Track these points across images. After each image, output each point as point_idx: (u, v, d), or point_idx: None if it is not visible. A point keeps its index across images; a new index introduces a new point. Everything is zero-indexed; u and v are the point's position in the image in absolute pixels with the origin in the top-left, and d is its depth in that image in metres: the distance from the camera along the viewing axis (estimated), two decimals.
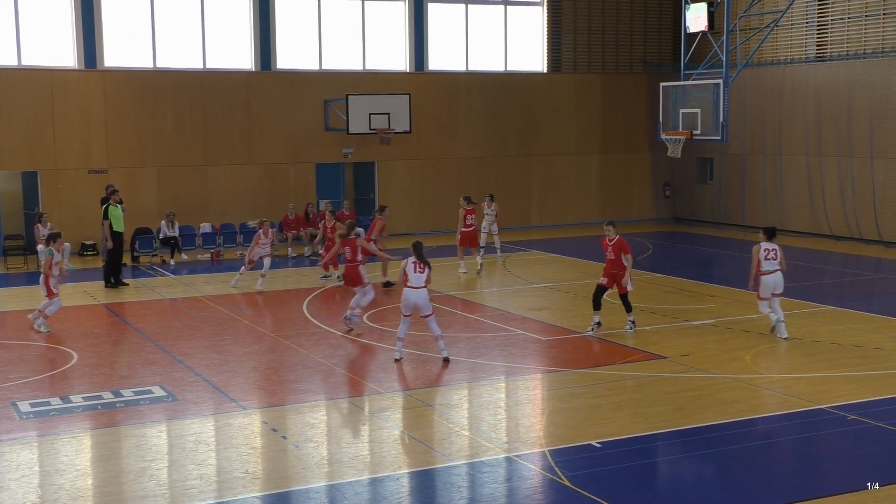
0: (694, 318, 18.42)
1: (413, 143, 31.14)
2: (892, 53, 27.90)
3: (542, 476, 10.53)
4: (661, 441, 11.70)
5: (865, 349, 15.85)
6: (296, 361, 15.54)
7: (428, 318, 15.17)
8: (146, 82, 28.40)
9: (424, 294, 15.04)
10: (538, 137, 33.71)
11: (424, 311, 15.08)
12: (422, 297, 15.02)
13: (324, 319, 18.55)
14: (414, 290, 14.99)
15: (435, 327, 15.21)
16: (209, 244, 27.42)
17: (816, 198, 30.33)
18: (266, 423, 12.42)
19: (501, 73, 33.17)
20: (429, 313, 15.12)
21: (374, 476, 10.62)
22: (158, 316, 19.33)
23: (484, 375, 14.88)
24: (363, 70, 31.06)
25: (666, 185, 35.80)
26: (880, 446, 11.47)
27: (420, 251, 15.11)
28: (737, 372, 14.56)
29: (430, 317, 15.16)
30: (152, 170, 28.49)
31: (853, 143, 29.10)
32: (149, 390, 13.85)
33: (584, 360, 15.62)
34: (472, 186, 31.48)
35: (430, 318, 15.17)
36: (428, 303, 15.08)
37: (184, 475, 10.61)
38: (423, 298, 15.03)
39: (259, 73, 29.67)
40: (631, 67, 35.20)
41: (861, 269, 24.91)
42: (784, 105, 31.22)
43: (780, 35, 31.05)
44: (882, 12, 28.27)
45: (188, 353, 16.01)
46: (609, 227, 17.20)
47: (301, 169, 30.27)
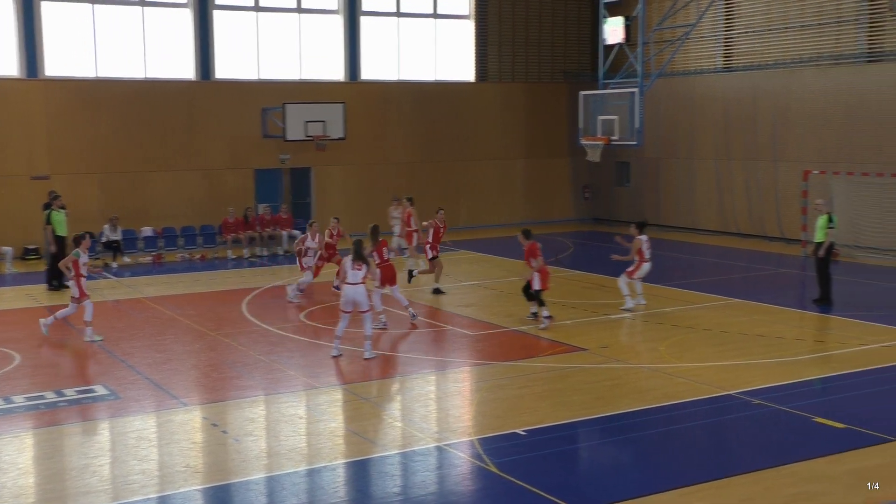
0: (612, 311, 18.59)
1: (348, 149, 30.98)
2: (792, 65, 28.48)
3: (470, 463, 10.54)
4: (583, 428, 11.79)
5: (769, 338, 16.14)
6: (235, 359, 15.35)
7: (364, 315, 15.05)
8: (88, 91, 27.85)
9: (362, 290, 14.93)
10: (466, 143, 33.77)
11: (362, 307, 14.98)
12: (359, 293, 14.91)
13: (262, 318, 18.36)
14: (352, 286, 14.91)
15: (368, 326, 15.09)
16: (151, 247, 27.01)
17: (725, 199, 30.85)
18: (206, 419, 12.24)
19: (431, 82, 33.17)
20: (365, 310, 15.01)
21: (312, 467, 10.53)
22: (101, 317, 18.91)
23: (415, 369, 14.85)
24: (300, 79, 30.83)
25: (586, 188, 36.11)
26: (783, 428, 11.69)
27: (359, 249, 15.01)
28: (652, 362, 14.73)
29: (366, 314, 15.04)
30: (94, 176, 27.95)
31: (758, 148, 29.65)
32: (91, 389, 13.57)
33: (509, 353, 15.66)
34: (404, 190, 31.32)
35: (365, 316, 15.05)
36: (366, 299, 14.97)
37: (126, 471, 10.40)
38: (361, 294, 14.92)
39: (199, 82, 29.28)
40: (553, 77, 35.45)
41: (765, 264, 25.38)
42: (695, 112, 31.70)
43: (691, 47, 31.52)
44: (783, 26, 28.85)
45: (130, 353, 15.72)
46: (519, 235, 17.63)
47: (240, 174, 29.94)
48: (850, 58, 27.02)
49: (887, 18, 26.11)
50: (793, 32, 28.60)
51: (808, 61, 28.05)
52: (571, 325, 17.35)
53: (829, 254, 18.87)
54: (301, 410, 12.71)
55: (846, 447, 10.75)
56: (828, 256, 18.82)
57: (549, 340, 16.23)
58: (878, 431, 11.22)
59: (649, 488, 9.70)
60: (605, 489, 9.76)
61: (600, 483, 10.02)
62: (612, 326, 17.40)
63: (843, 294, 19.60)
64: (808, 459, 10.38)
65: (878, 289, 21.11)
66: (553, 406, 12.49)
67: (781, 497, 9.39)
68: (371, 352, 15.07)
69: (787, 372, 13.99)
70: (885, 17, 26.17)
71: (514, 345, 16.27)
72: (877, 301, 19.73)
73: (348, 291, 14.94)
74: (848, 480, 9.78)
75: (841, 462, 10.30)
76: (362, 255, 14.96)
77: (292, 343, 16.39)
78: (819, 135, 27.74)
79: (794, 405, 12.34)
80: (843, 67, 27.20)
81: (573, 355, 15.16)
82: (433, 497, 9.70)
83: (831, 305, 18.64)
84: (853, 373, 13.97)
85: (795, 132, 28.44)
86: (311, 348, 16.00)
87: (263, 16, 30.14)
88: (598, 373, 14.10)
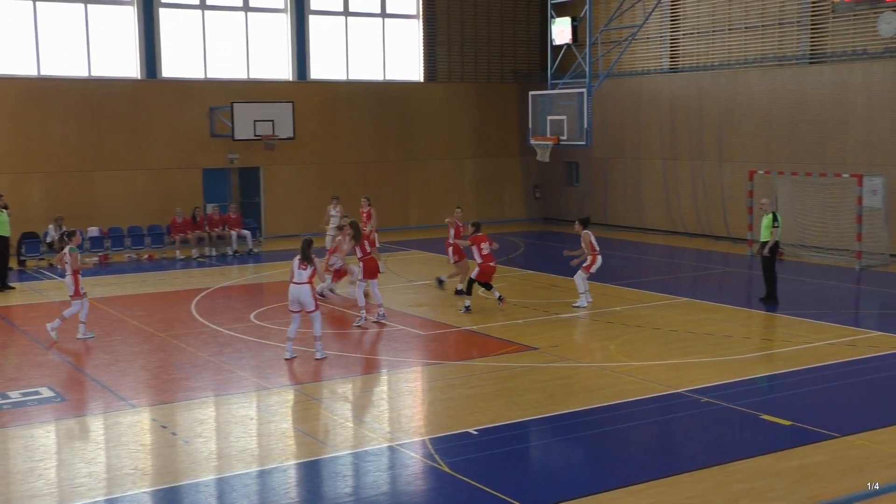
0: (563, 311, 18.70)
1: (297, 148, 30.82)
2: (737, 66, 28.88)
3: (422, 463, 10.53)
4: (534, 427, 11.83)
5: (717, 337, 16.34)
6: (184, 360, 15.19)
7: (312, 315, 14.98)
8: (31, 90, 27.38)
9: (307, 290, 14.83)
10: (415, 143, 33.77)
11: (307, 306, 14.89)
12: (304, 293, 14.82)
13: (212, 319, 18.19)
14: (297, 285, 14.82)
15: (317, 327, 14.98)
16: (97, 248, 26.61)
17: (672, 198, 31.19)
18: (155, 420, 12.10)
19: (380, 81, 33.10)
20: (311, 310, 14.92)
21: (263, 468, 10.45)
22: (46, 318, 18.59)
23: (367, 369, 14.81)
24: (248, 79, 30.60)
25: (535, 188, 36.29)
26: (730, 425, 11.84)
27: (305, 249, 14.92)
28: (602, 361, 14.84)
29: (313, 314, 14.96)
30: (38, 175, 27.49)
31: (704, 148, 30.02)
32: (36, 391, 13.33)
33: (461, 352, 15.69)
34: (354, 190, 31.31)
35: (313, 315, 14.97)
36: (311, 299, 14.87)
37: (73, 473, 10.24)
38: (306, 294, 14.83)
39: (145, 81, 28.92)
40: (502, 77, 35.57)
41: (712, 263, 25.71)
42: (642, 113, 32.01)
43: (638, 48, 31.83)
44: (727, 28, 29.24)
45: (76, 354, 15.49)
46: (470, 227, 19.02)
47: (188, 174, 29.63)
48: (793, 59, 27.48)
49: (829, 20, 26.58)
50: (737, 34, 29.01)
51: (752, 62, 28.46)
52: (523, 325, 17.42)
53: (775, 253, 19.16)
54: (252, 411, 12.61)
55: (792, 444, 10.91)
56: (773, 255, 19.10)
57: (500, 339, 16.28)
58: (822, 428, 11.40)
59: (600, 486, 9.77)
60: (557, 488, 9.81)
61: (551, 481, 10.07)
62: (563, 326, 17.50)
63: (789, 293, 19.91)
64: (755, 456, 10.51)
65: (823, 287, 21.48)
66: (505, 405, 12.53)
67: (729, 494, 9.51)
68: (322, 352, 14.99)
69: (734, 370, 14.18)
70: (826, 18, 26.64)
71: (466, 344, 16.30)
72: (821, 300, 20.09)
73: (293, 291, 14.85)
74: (793, 477, 9.93)
75: (787, 459, 10.45)
76: (308, 255, 14.87)
77: (242, 343, 16.25)
78: (764, 135, 28.16)
79: (741, 403, 12.51)
80: (786, 68, 27.65)
81: (524, 354, 15.22)
82: (385, 497, 9.68)
83: (777, 304, 18.92)
84: (799, 370, 14.19)
85: (741, 132, 28.84)
86: (261, 349, 15.87)
87: (210, 14, 29.85)
88: (549, 372, 14.17)
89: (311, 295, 14.89)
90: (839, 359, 14.81)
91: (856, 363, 14.59)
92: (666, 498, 9.43)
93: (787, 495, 9.46)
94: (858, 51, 25.75)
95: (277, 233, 30.92)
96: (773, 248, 19.04)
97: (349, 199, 28.03)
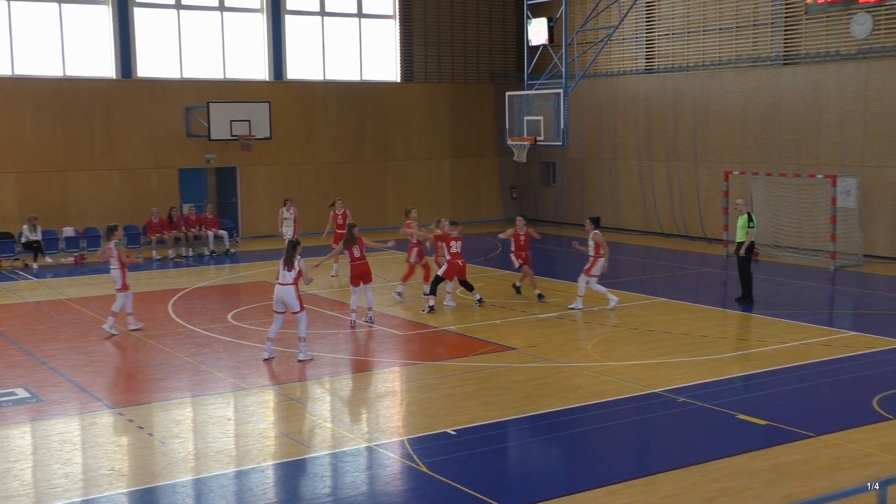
0: (540, 311, 18.75)
1: (273, 148, 30.73)
2: (711, 67, 29.05)
3: (401, 463, 10.54)
4: (512, 427, 11.86)
5: (693, 337, 16.43)
6: (161, 360, 15.11)
7: (297, 316, 14.90)
8: (4, 89, 27.15)
9: (291, 291, 14.79)
10: (392, 143, 33.74)
11: (292, 307, 14.85)
12: (288, 295, 14.79)
13: (189, 319, 18.10)
14: (282, 286, 14.79)
15: (302, 328, 14.91)
16: (72, 248, 26.41)
17: (648, 198, 31.33)
18: (132, 421, 12.03)
19: (357, 82, 33.05)
20: (296, 311, 14.87)
21: (240, 469, 10.42)
22: (21, 319, 18.51)
23: (345, 370, 14.80)
24: (224, 78, 30.47)
25: (513, 188, 36.35)
26: (707, 425, 11.91)
27: (289, 250, 14.88)
28: (580, 360, 14.89)
29: (298, 314, 14.88)
30: (12, 175, 27.26)
31: (679, 149, 30.18)
32: (11, 392, 13.23)
33: (439, 352, 15.70)
34: (331, 190, 31.30)
35: (298, 316, 14.89)
36: (295, 300, 14.81)
37: (49, 474, 10.18)
38: (290, 296, 14.79)
39: (120, 81, 28.74)
40: (478, 77, 35.60)
41: (688, 263, 25.85)
42: (618, 113, 32.13)
43: (614, 49, 31.95)
44: (702, 29, 29.41)
45: (52, 355, 15.37)
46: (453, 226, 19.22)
47: (163, 174, 29.47)
48: (767, 60, 27.67)
49: (802, 22, 26.78)
50: (712, 35, 29.18)
51: (727, 63, 28.64)
52: (501, 325, 17.45)
53: (750, 253, 19.29)
54: (229, 412, 12.57)
55: (768, 443, 10.99)
56: (748, 255, 19.23)
57: (478, 340, 16.30)
58: (797, 428, 11.49)
59: (577, 486, 9.81)
60: (535, 487, 9.84)
61: (529, 481, 10.10)
62: (540, 326, 17.54)
63: (764, 293, 20.06)
64: (731, 456, 10.59)
65: (797, 287, 21.64)
66: (483, 405, 12.55)
67: (706, 493, 9.57)
68: (305, 353, 14.94)
69: (710, 370, 14.26)
70: (800, 20, 26.84)
71: (444, 344, 16.31)
72: (796, 300, 20.25)
73: (277, 292, 14.83)
74: (769, 476, 10.01)
75: (763, 458, 10.53)
76: (292, 256, 14.82)
77: (219, 344, 16.19)
78: (738, 136, 28.34)
79: (717, 402, 12.59)
80: (760, 70, 27.84)
81: (502, 354, 15.25)
82: (364, 497, 9.68)
83: (753, 304, 19.05)
84: (774, 370, 14.29)
85: (715, 133, 29.01)
86: (238, 349, 15.82)
87: (185, 14, 29.71)
88: (527, 372, 14.21)
89: (296, 296, 14.80)
90: (814, 358, 14.93)
91: (830, 363, 14.71)
92: (643, 497, 9.48)
93: (763, 494, 9.53)
94: (832, 52, 25.96)
95: (254, 233, 30.82)
96: (748, 248, 19.18)
97: (324, 200, 27.97)
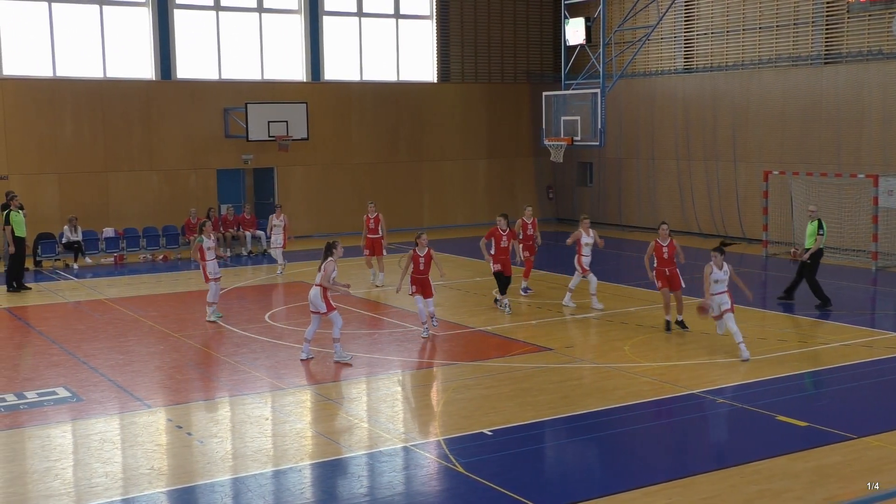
0: (577, 311, 18.68)
1: (310, 149, 30.88)
2: (751, 66, 28.79)
3: (437, 464, 10.54)
4: (548, 427, 11.83)
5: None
6: (199, 360, 15.24)
7: (328, 317, 14.84)
8: (46, 91, 27.53)
9: (316, 292, 14.81)
10: (428, 143, 33.78)
11: (319, 308, 14.78)
12: (315, 295, 14.80)
13: (226, 319, 18.22)
14: (313, 287, 14.85)
15: (335, 329, 14.86)
16: (112, 248, 26.71)
17: (686, 199, 31.11)
18: (171, 421, 12.14)
19: (393, 82, 33.13)
20: (324, 312, 14.84)
21: (278, 468, 10.48)
22: (62, 319, 18.74)
23: (381, 370, 14.83)
24: (261, 79, 30.67)
25: (549, 188, 36.25)
26: (746, 426, 11.81)
27: (324, 251, 14.89)
28: (617, 361, 14.82)
29: (329, 315, 14.79)
30: (53, 176, 27.63)
31: (718, 148, 29.94)
32: (53, 391, 13.40)
33: (475, 353, 15.68)
34: (366, 191, 31.43)
35: (330, 317, 14.82)
36: (320, 301, 14.75)
37: (89, 473, 10.29)
38: (317, 296, 14.80)
39: (159, 82, 29.02)
40: (515, 78, 35.54)
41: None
42: (655, 113, 31.94)
43: (652, 48, 31.77)
44: (742, 28, 29.16)
45: (92, 355, 15.55)
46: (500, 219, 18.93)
47: (201, 175, 29.73)
48: (807, 59, 27.37)
49: (844, 20, 26.48)
50: (751, 34, 28.92)
51: (766, 63, 28.38)
52: (537, 325, 17.41)
53: (817, 260, 18.85)
54: (266, 412, 12.64)
55: (808, 445, 10.88)
56: (815, 263, 18.80)
57: (514, 340, 16.27)
58: (838, 429, 11.36)
59: (614, 487, 9.76)
60: (571, 488, 9.81)
61: (566, 482, 10.06)
62: (577, 326, 17.48)
63: (804, 294, 19.83)
64: (771, 457, 10.48)
65: (838, 288, 21.37)
66: (519, 406, 12.52)
67: (745, 495, 9.48)
68: (341, 354, 14.92)
69: (749, 371, 14.14)
70: (841, 19, 26.53)
71: (480, 345, 16.29)
72: (836, 300, 19.98)
73: (310, 293, 14.89)
74: (810, 478, 9.90)
75: (803, 460, 10.42)
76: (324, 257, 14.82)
77: (257, 344, 16.29)
78: (778, 135, 28.07)
79: (756, 404, 12.47)
80: (800, 69, 27.55)
81: (539, 355, 15.21)
82: (400, 497, 9.69)
83: (831, 307, 18.58)
84: (814, 371, 14.15)
85: (755, 133, 28.75)
86: (275, 349, 15.91)
87: (224, 15, 29.94)
88: (564, 372, 14.16)
89: (322, 297, 14.78)
90: (855, 360, 14.75)
91: (872, 364, 14.53)
92: (681, 499, 9.41)
93: (804, 496, 9.43)
94: (874, 51, 25.63)
95: (292, 233, 30.89)
96: (814, 255, 18.75)
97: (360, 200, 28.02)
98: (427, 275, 16.60)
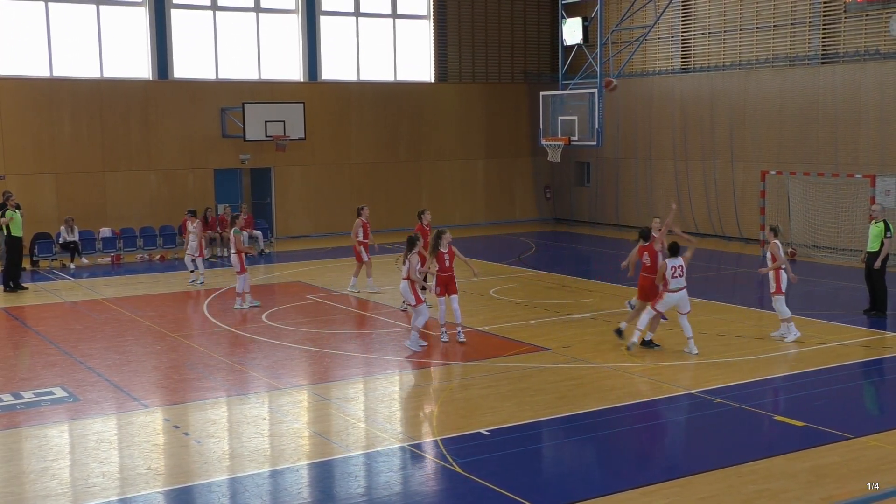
0: (574, 311, 18.68)
1: (308, 149, 30.87)
2: (748, 66, 28.79)
3: (434, 463, 10.53)
4: (546, 427, 11.82)
5: (728, 337, 16.30)
6: (196, 360, 15.22)
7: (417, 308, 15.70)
8: (43, 90, 27.49)
9: (404, 285, 15.82)
10: (426, 143, 33.77)
11: (408, 300, 16.05)
12: (402, 288, 15.93)
13: (224, 319, 18.21)
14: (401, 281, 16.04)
15: (420, 320, 15.66)
16: (109, 248, 26.68)
17: (683, 198, 31.11)
18: (168, 421, 12.12)
19: (391, 82, 33.11)
20: (413, 304, 15.84)
21: (275, 468, 10.46)
22: (59, 319, 18.71)
23: (378, 370, 14.81)
24: (259, 79, 30.64)
25: (547, 188, 36.25)
26: (744, 426, 11.80)
27: (406, 245, 15.88)
28: (614, 361, 14.81)
29: (417, 307, 15.67)
30: (50, 176, 27.59)
31: (715, 148, 29.94)
32: (50, 391, 13.38)
33: (472, 353, 15.66)
34: (365, 190, 31.45)
35: (418, 308, 15.66)
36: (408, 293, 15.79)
37: (86, 473, 10.27)
38: (405, 289, 15.80)
39: (156, 82, 28.99)
40: (512, 77, 35.54)
41: (724, 263, 25.63)
42: (653, 113, 31.94)
43: (649, 48, 31.77)
44: (739, 28, 29.17)
45: (89, 355, 15.52)
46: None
47: (199, 175, 29.70)
48: (804, 59, 27.38)
49: (841, 20, 26.48)
50: (748, 34, 28.93)
51: (764, 63, 28.38)
52: (534, 325, 17.40)
53: (885, 265, 17.86)
54: (264, 412, 12.62)
55: (806, 445, 10.87)
56: (884, 267, 17.85)
57: (512, 340, 16.26)
58: (835, 429, 11.36)
59: (612, 487, 9.75)
60: (569, 488, 9.80)
61: (563, 482, 10.05)
62: (574, 326, 17.47)
63: (801, 293, 19.84)
64: (768, 457, 10.48)
65: (835, 288, 21.40)
66: (516, 406, 12.51)
67: (743, 495, 9.48)
68: (412, 342, 15.58)
69: (746, 371, 14.13)
70: (838, 18, 26.54)
71: (478, 345, 16.26)
72: (833, 300, 20.01)
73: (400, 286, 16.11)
74: (807, 478, 9.90)
75: (801, 459, 10.41)
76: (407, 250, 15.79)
77: (254, 344, 16.27)
78: (776, 135, 28.07)
79: (754, 403, 12.47)
80: (797, 69, 27.55)
81: (536, 355, 15.20)
82: (397, 497, 9.68)
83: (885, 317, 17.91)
84: (811, 371, 14.14)
85: (752, 133, 28.76)
86: (273, 349, 15.89)
87: (221, 15, 29.91)
88: (561, 372, 14.15)
89: (410, 290, 15.61)
90: (852, 360, 14.76)
91: (869, 364, 14.54)
92: (679, 499, 9.40)
93: (801, 496, 9.42)
94: (871, 51, 25.64)
95: (289, 233, 30.97)
96: (884, 260, 17.78)
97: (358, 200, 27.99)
98: (453, 272, 16.46)
